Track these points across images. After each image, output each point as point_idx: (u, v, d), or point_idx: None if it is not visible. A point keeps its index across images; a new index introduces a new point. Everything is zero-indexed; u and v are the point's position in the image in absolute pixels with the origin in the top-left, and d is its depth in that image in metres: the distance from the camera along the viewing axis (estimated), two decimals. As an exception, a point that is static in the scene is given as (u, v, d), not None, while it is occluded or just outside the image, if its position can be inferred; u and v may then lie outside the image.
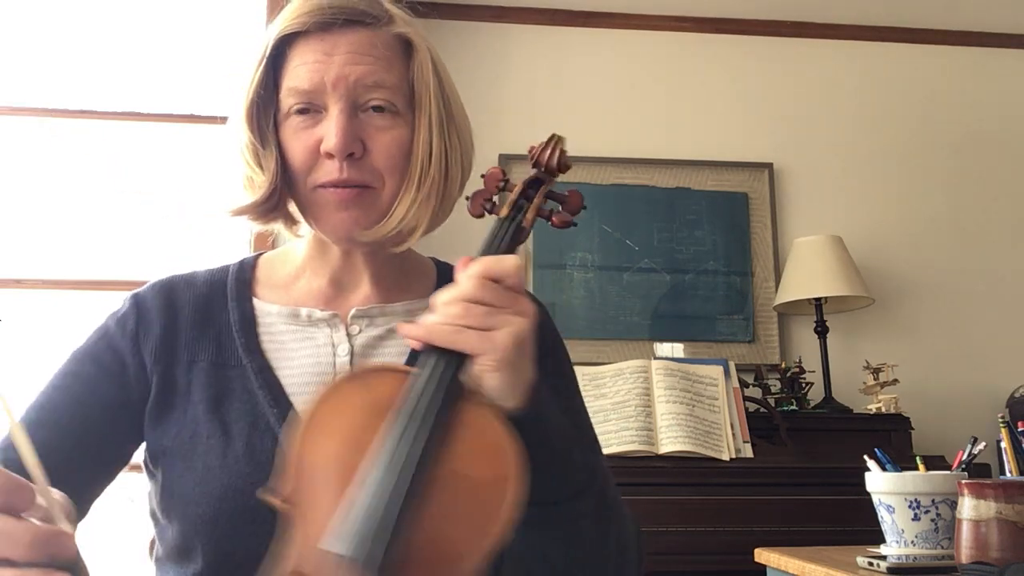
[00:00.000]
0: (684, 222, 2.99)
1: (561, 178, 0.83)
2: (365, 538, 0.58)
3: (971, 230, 3.09)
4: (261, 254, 0.98)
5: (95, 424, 0.84)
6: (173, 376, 0.86)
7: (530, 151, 0.82)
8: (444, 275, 0.98)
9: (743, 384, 2.41)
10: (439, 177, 0.87)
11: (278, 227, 0.93)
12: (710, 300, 2.95)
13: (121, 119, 2.79)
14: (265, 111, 0.87)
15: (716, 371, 2.35)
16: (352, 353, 0.89)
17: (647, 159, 3.02)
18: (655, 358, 2.41)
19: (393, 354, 0.90)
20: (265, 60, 0.86)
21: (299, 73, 0.84)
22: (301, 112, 0.85)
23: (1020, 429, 1.48)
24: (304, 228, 0.93)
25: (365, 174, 0.84)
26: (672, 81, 3.11)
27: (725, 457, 2.19)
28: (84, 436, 0.83)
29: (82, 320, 2.64)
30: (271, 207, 0.88)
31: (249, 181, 0.88)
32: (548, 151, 0.81)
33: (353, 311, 0.91)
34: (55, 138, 2.76)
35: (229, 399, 0.84)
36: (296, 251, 0.96)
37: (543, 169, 0.81)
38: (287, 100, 0.85)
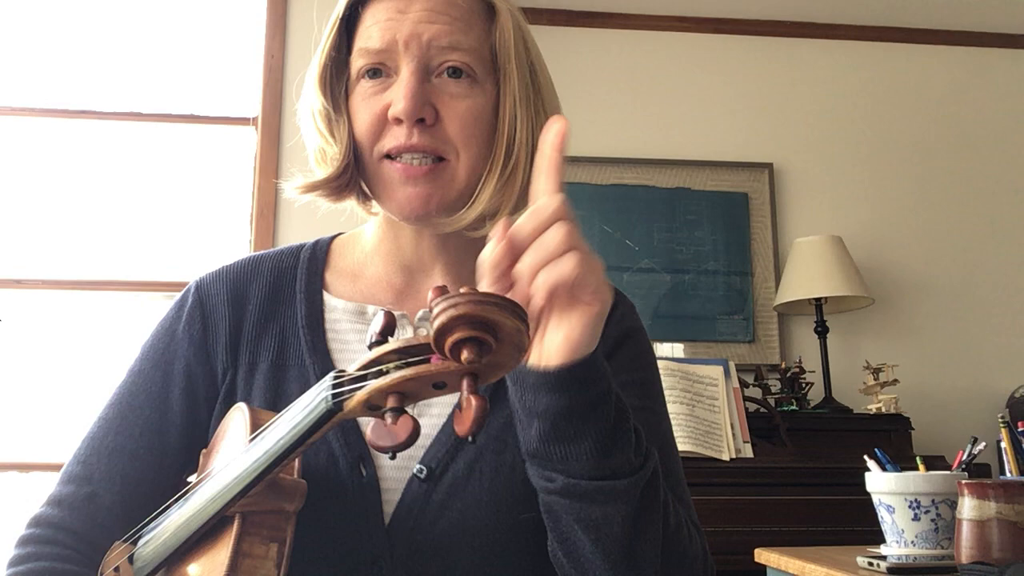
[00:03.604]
0: (684, 222, 2.99)
1: (565, 177, 0.72)
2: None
3: (971, 230, 3.09)
4: (337, 236, 0.92)
5: (173, 448, 0.80)
6: (235, 382, 0.82)
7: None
8: None
9: (743, 384, 2.41)
10: (526, 156, 0.79)
11: (351, 204, 0.86)
12: (710, 300, 2.95)
13: (121, 119, 2.80)
14: (338, 76, 0.81)
15: (716, 371, 2.35)
16: None
17: (647, 159, 3.02)
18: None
19: None
20: (340, 21, 0.81)
21: (371, 33, 0.79)
22: (372, 75, 0.79)
23: (1020, 429, 1.48)
24: (375, 209, 0.86)
25: (437, 142, 0.78)
26: (672, 81, 3.11)
27: (725, 457, 2.19)
28: (164, 462, 0.79)
29: (82, 320, 2.65)
30: (344, 183, 0.82)
31: (321, 153, 0.82)
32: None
33: (420, 312, 0.83)
34: (55, 138, 2.76)
35: (286, 404, 0.73)
36: (367, 234, 0.89)
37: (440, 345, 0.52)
38: (357, 62, 0.80)
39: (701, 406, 2.28)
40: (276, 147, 2.71)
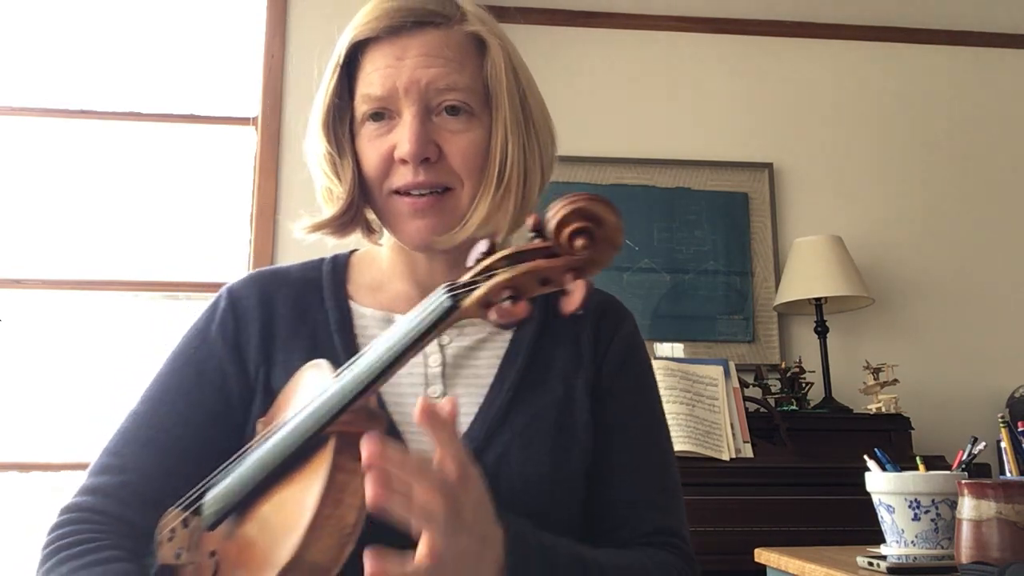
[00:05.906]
0: (684, 222, 2.99)
1: (564, 177, 0.76)
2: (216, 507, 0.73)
3: (971, 230, 3.09)
4: (353, 252, 0.98)
5: (204, 441, 0.83)
6: (270, 379, 0.85)
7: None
8: None
9: (743, 384, 2.41)
10: (518, 179, 0.85)
11: (355, 238, 0.92)
12: (710, 300, 2.95)
13: (121, 119, 2.80)
14: (341, 119, 0.87)
15: (716, 371, 2.35)
16: (444, 363, 0.88)
17: (647, 159, 3.02)
18: (655, 358, 2.41)
19: (484, 365, 0.88)
20: (339, 68, 0.86)
21: (371, 79, 0.84)
22: (375, 118, 0.85)
23: (1020, 429, 1.48)
24: (384, 236, 0.93)
25: (442, 176, 0.84)
26: (672, 81, 3.11)
27: (725, 457, 2.19)
28: (196, 455, 0.81)
29: (82, 320, 2.65)
30: (349, 219, 0.88)
31: (328, 192, 0.88)
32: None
33: None
34: (55, 138, 2.76)
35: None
36: (383, 253, 0.95)
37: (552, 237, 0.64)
38: (361, 107, 0.85)
39: (701, 406, 2.28)
40: (276, 147, 2.71)
